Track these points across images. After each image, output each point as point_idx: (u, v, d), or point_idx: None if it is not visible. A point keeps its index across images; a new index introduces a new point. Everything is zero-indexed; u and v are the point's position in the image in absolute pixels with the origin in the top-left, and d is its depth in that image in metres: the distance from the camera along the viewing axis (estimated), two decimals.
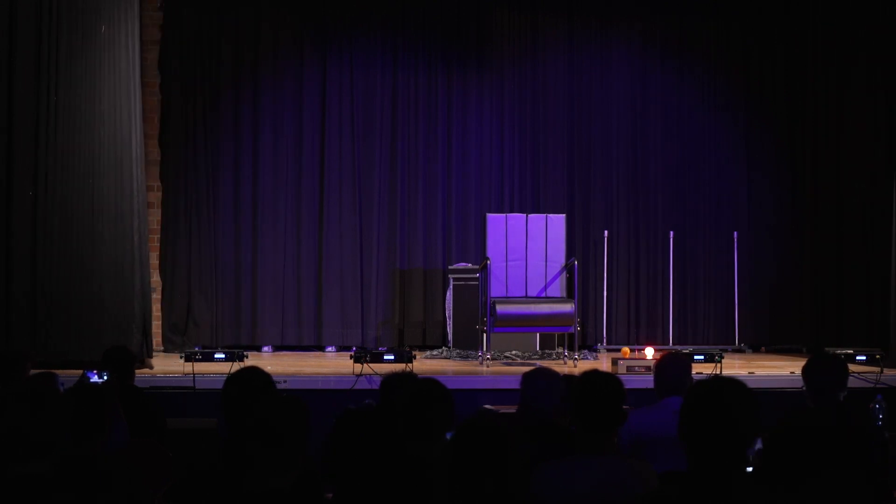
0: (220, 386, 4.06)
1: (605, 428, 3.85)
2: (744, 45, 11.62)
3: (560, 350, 10.22)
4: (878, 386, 8.12)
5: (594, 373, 4.00)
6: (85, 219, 8.68)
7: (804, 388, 4.81)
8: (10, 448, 3.38)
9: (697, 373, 7.50)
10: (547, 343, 10.53)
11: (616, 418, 3.91)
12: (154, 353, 10.43)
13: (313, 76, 11.22)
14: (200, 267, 10.99)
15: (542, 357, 10.18)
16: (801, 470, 2.76)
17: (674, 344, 10.96)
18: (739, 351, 11.12)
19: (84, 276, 8.65)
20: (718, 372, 8.20)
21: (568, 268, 10.04)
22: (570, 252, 10.43)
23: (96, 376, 6.56)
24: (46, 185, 8.57)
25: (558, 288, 10.03)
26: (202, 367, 8.24)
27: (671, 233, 11.37)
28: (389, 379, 5.02)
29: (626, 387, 4.01)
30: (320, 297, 11.12)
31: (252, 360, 8.63)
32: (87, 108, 8.71)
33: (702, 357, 8.53)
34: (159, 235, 11.01)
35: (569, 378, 4.94)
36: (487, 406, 7.34)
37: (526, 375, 4.98)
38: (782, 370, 9.10)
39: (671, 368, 5.12)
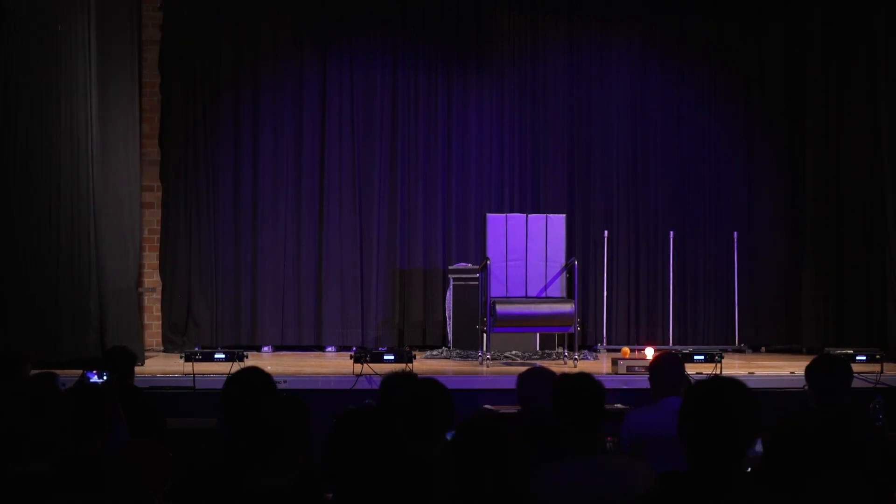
0: (220, 386, 4.07)
1: (591, 427, 3.87)
2: (744, 45, 11.61)
3: (560, 350, 10.22)
4: (878, 386, 8.12)
5: (568, 375, 4.03)
6: (43, 219, 8.72)
7: (807, 389, 4.80)
8: (9, 448, 3.38)
9: (697, 373, 7.51)
10: (547, 343, 10.52)
11: (599, 415, 3.92)
12: (154, 353, 10.48)
13: (313, 76, 11.22)
14: (200, 267, 10.99)
15: (542, 357, 10.17)
16: (801, 470, 2.76)
17: (674, 344, 10.96)
18: (739, 351, 11.11)
19: (41, 276, 8.66)
20: (718, 372, 8.20)
21: (568, 268, 10.03)
22: (570, 252, 10.42)
23: (96, 376, 6.55)
24: (8, 187, 8.60)
25: (558, 288, 10.02)
26: (202, 367, 8.24)
27: (671, 233, 11.37)
28: (389, 379, 5.02)
29: (626, 387, 4.02)
30: (320, 297, 11.11)
31: (252, 360, 8.63)
32: (45, 108, 8.70)
33: (702, 357, 8.53)
34: (159, 235, 11.02)
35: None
36: (487, 406, 7.34)
37: (522, 376, 4.98)
38: (782, 370, 9.09)
39: (668, 368, 5.12)
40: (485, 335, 9.70)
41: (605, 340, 11.19)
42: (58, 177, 8.76)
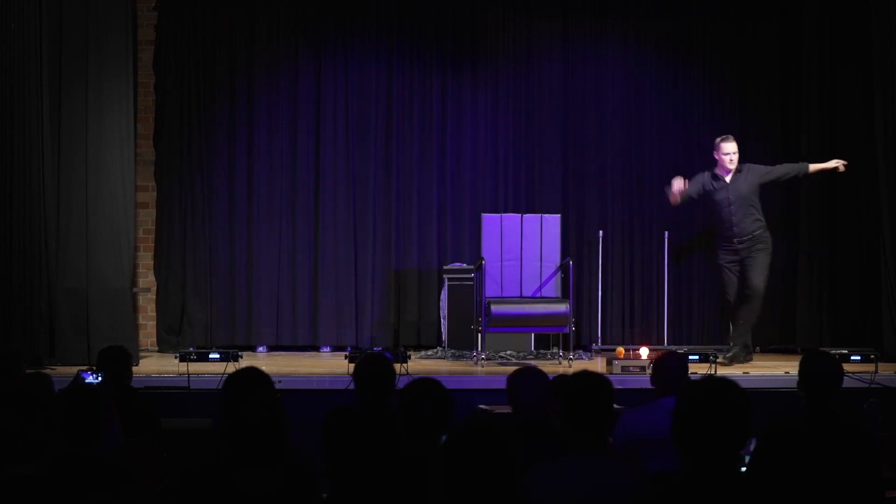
0: (214, 386, 4.08)
1: (597, 428, 3.86)
2: (738, 45, 11.61)
3: (555, 350, 10.22)
4: (872, 386, 8.13)
5: (585, 373, 4.00)
6: (2, 221, 8.84)
7: (798, 387, 4.80)
8: (2, 448, 3.38)
9: (692, 373, 7.52)
10: (542, 343, 10.53)
11: (607, 418, 3.92)
12: (149, 354, 10.48)
13: (308, 76, 11.21)
14: (195, 267, 10.98)
15: (536, 357, 10.18)
16: (792, 470, 2.77)
17: (668, 344, 10.95)
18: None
19: None
20: (713, 372, 8.21)
21: (563, 268, 10.04)
22: (565, 252, 10.43)
23: (91, 376, 6.55)
24: None
25: (553, 288, 10.03)
26: (197, 367, 8.26)
27: (666, 233, 11.36)
28: (361, 364, 5.02)
29: (621, 387, 4.02)
30: (315, 297, 11.10)
31: (247, 360, 8.65)
32: None
33: (696, 357, 8.54)
34: (154, 235, 11.01)
35: (560, 378, 4.94)
36: (482, 406, 7.35)
37: (512, 375, 4.99)
38: (777, 370, 9.10)
39: (671, 367, 5.13)
40: (479, 335, 9.71)
41: (599, 340, 11.17)
42: (11, 179, 8.86)
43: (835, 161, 9.90)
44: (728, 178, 9.79)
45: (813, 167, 9.99)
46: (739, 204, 9.73)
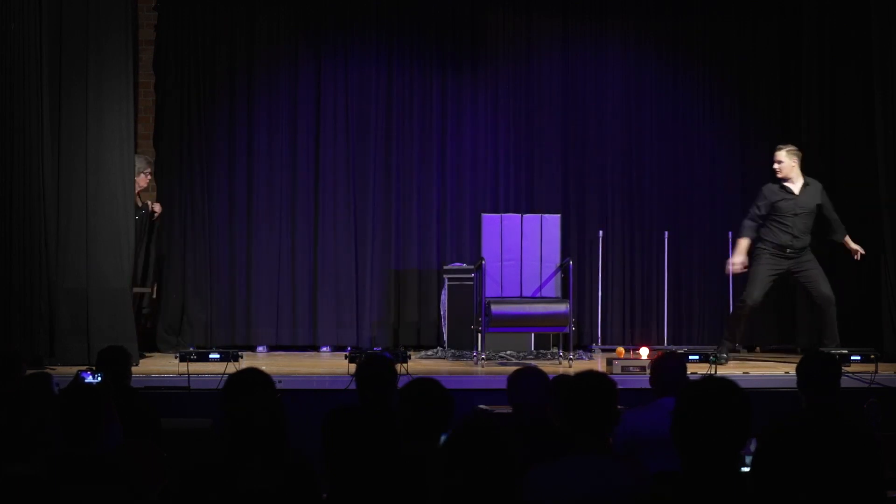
0: (214, 386, 4.08)
1: (599, 429, 3.85)
2: (738, 45, 11.62)
3: (555, 350, 10.22)
4: (872, 386, 8.13)
5: (588, 373, 4.00)
6: (2, 221, 8.86)
7: (797, 387, 4.80)
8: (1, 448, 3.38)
9: (692, 373, 7.52)
10: (542, 343, 10.53)
11: (610, 419, 3.92)
12: (149, 354, 10.48)
13: (308, 77, 11.22)
14: (195, 267, 10.99)
15: (536, 357, 10.18)
16: (794, 470, 2.77)
17: (668, 344, 10.96)
18: (734, 350, 11.10)
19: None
20: (713, 372, 8.21)
21: (563, 268, 10.04)
22: (566, 252, 10.43)
23: (91, 377, 6.55)
24: None
25: (553, 288, 10.03)
26: (197, 367, 8.25)
27: (666, 233, 11.37)
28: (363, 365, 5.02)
29: (621, 387, 4.01)
30: (315, 296, 11.11)
31: (247, 360, 8.65)
32: None
33: (696, 357, 8.54)
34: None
35: (560, 378, 4.94)
36: (482, 406, 7.35)
37: (512, 376, 4.99)
38: (777, 370, 9.10)
39: (669, 368, 5.14)
40: (479, 335, 9.70)
41: (599, 340, 11.19)
42: (10, 179, 8.87)
43: (856, 247, 9.87)
44: (797, 190, 9.70)
45: (847, 240, 9.89)
46: (804, 217, 9.70)
